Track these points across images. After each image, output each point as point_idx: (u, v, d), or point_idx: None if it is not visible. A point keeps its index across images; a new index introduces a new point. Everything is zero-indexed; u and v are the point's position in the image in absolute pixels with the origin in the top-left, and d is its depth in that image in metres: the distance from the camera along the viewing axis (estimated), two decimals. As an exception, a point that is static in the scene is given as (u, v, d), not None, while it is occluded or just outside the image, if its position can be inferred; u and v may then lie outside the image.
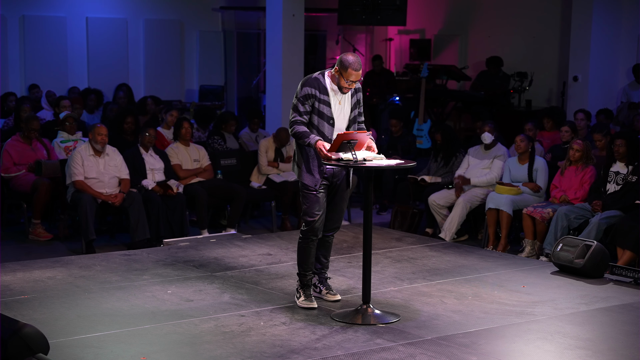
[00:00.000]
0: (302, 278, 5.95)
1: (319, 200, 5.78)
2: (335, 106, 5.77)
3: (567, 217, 7.96)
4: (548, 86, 13.19)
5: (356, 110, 5.88)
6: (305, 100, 5.71)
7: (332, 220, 5.97)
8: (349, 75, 5.63)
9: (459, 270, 7.02)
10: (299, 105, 5.72)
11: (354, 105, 5.87)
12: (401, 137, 10.97)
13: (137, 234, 8.38)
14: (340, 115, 5.81)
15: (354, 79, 5.67)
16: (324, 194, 5.81)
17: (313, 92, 5.70)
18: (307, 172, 5.78)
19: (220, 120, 10.58)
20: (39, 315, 5.61)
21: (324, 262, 6.10)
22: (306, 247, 5.88)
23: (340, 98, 5.79)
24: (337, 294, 6.09)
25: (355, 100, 5.87)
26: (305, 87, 5.72)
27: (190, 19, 15.13)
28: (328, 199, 5.89)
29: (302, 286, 5.96)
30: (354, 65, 5.61)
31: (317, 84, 5.73)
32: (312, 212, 5.79)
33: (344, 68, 5.62)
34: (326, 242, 6.05)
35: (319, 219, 5.79)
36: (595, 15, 11.84)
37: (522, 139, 8.75)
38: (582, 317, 5.83)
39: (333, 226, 6.01)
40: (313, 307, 5.86)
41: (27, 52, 13.49)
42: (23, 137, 9.14)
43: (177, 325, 5.49)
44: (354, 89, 5.83)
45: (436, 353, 5.05)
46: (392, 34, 15.48)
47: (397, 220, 9.36)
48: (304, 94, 5.71)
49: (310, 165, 5.77)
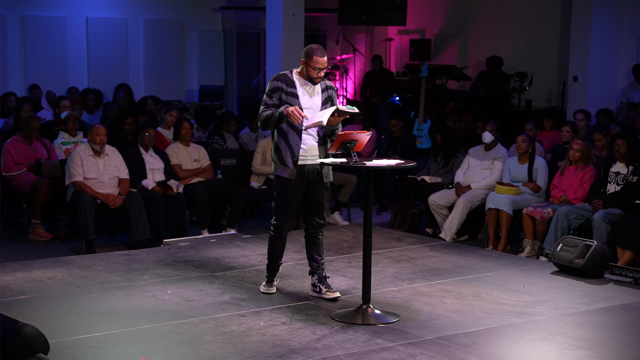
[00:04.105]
0: (269, 264, 6.24)
1: (290, 204, 5.98)
2: (303, 98, 5.90)
3: (567, 217, 7.96)
4: (548, 86, 13.18)
5: (327, 106, 5.97)
6: (273, 94, 5.90)
7: (314, 216, 6.06)
8: (315, 63, 5.82)
9: (459, 270, 7.02)
10: (266, 99, 5.92)
11: (324, 100, 5.99)
12: (401, 137, 10.97)
13: (137, 234, 8.38)
14: (309, 108, 5.91)
15: (320, 66, 5.83)
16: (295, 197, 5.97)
17: (280, 85, 5.89)
18: (281, 163, 5.94)
19: (220, 120, 10.58)
20: (39, 315, 5.61)
21: (319, 260, 6.13)
22: (274, 241, 6.15)
23: (311, 91, 5.94)
24: (336, 291, 6.12)
25: (327, 96, 6.00)
26: (273, 81, 5.95)
27: (190, 19, 15.13)
28: (306, 196, 6.01)
29: (267, 271, 6.27)
30: (318, 52, 5.83)
31: (284, 78, 5.93)
32: (279, 213, 6.05)
33: (309, 57, 5.83)
34: (316, 240, 6.12)
35: (286, 221, 6.05)
36: (595, 15, 11.83)
37: (523, 139, 8.75)
38: (582, 317, 5.83)
39: (317, 222, 6.08)
40: (270, 293, 6.18)
41: (27, 52, 13.49)
42: (23, 137, 9.14)
43: (177, 325, 5.49)
44: (326, 86, 5.99)
45: (436, 353, 5.05)
46: (392, 34, 15.48)
47: (397, 220, 9.36)
48: (271, 87, 5.92)
49: (283, 156, 5.92)
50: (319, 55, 5.81)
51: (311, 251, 6.12)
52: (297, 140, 5.89)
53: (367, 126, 11.12)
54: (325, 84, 6.00)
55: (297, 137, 5.90)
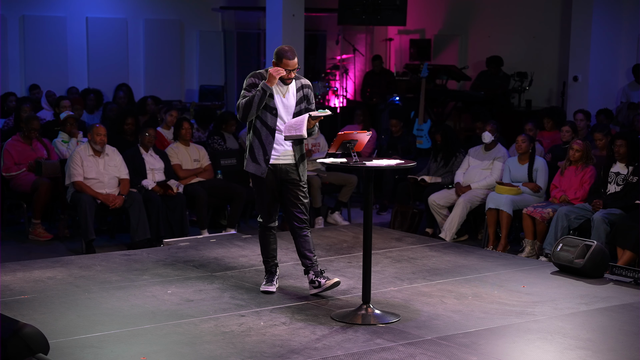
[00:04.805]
0: (265, 265, 6.36)
1: (264, 199, 6.13)
2: (278, 98, 6.02)
3: (567, 217, 7.96)
4: (548, 86, 13.18)
5: (302, 105, 6.10)
6: (251, 89, 6.03)
7: (294, 214, 6.12)
8: (285, 65, 5.96)
9: (459, 270, 7.02)
10: (244, 92, 6.04)
11: (299, 99, 6.10)
12: (401, 137, 10.97)
13: (137, 234, 8.38)
14: (283, 108, 6.04)
15: (290, 68, 5.96)
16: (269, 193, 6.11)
17: (256, 81, 6.03)
18: (253, 161, 6.07)
19: (220, 120, 10.58)
20: (39, 315, 5.61)
21: (311, 257, 6.16)
22: (262, 236, 6.29)
23: (285, 91, 6.06)
24: (335, 277, 6.19)
25: (302, 95, 6.12)
26: (250, 78, 6.10)
27: (190, 19, 15.13)
28: (282, 194, 6.13)
29: (265, 272, 6.36)
30: (287, 55, 5.98)
31: (260, 76, 6.08)
32: (257, 207, 6.26)
33: (279, 59, 6.00)
34: (303, 237, 6.16)
35: (266, 215, 6.19)
36: (595, 15, 11.83)
37: (523, 139, 8.75)
38: (582, 317, 5.83)
39: (298, 220, 6.12)
40: (270, 292, 6.22)
41: (27, 52, 13.49)
42: (23, 137, 9.14)
43: (177, 325, 5.49)
44: (301, 85, 6.11)
45: (436, 353, 5.05)
46: (392, 34, 15.48)
47: (397, 220, 9.36)
48: (249, 82, 6.07)
49: (256, 154, 6.05)
50: (289, 58, 5.96)
51: (300, 249, 6.17)
52: (270, 139, 6.02)
53: (367, 126, 11.12)
54: (300, 82, 6.12)
55: (270, 136, 6.02)
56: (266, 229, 6.26)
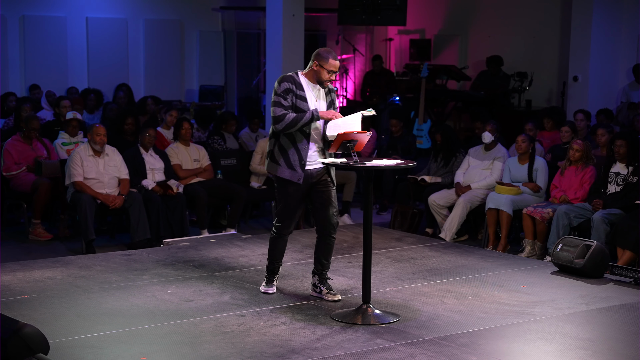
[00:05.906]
0: (269, 264, 6.22)
1: (294, 207, 5.94)
2: (312, 101, 5.85)
3: (567, 215, 7.96)
4: (548, 86, 13.19)
5: (330, 110, 5.94)
6: (286, 95, 5.79)
7: (325, 220, 5.97)
8: (330, 66, 5.77)
9: (459, 270, 7.02)
10: (281, 100, 5.78)
11: (328, 104, 5.95)
12: (401, 137, 10.97)
13: (137, 234, 8.38)
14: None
15: (334, 69, 5.79)
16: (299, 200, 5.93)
17: (291, 86, 5.81)
18: (288, 167, 5.84)
19: (220, 120, 10.59)
20: (39, 315, 5.61)
21: (325, 264, 6.10)
22: (275, 242, 6.13)
23: (317, 95, 5.89)
24: (337, 294, 6.10)
25: (330, 99, 5.97)
26: (283, 82, 5.82)
27: (190, 19, 15.13)
28: (313, 198, 5.95)
29: (267, 272, 6.24)
30: (333, 54, 5.80)
31: (292, 80, 5.84)
32: (282, 216, 6.00)
33: (324, 59, 5.77)
34: (328, 245, 6.05)
35: (290, 224, 6.02)
36: (595, 15, 11.83)
37: (523, 139, 8.75)
38: (582, 317, 5.83)
39: (329, 225, 5.97)
40: (270, 293, 6.15)
41: (27, 52, 13.49)
42: (23, 137, 9.14)
43: (177, 325, 5.49)
44: (328, 89, 5.94)
45: (436, 353, 5.05)
46: (392, 34, 15.49)
47: (397, 220, 9.36)
48: (284, 88, 5.80)
49: (291, 160, 5.83)
50: (334, 57, 5.78)
51: (319, 254, 6.06)
52: (305, 144, 5.83)
53: (367, 126, 11.08)
54: (328, 87, 5.95)
55: (305, 140, 5.84)
56: (282, 236, 6.09)
